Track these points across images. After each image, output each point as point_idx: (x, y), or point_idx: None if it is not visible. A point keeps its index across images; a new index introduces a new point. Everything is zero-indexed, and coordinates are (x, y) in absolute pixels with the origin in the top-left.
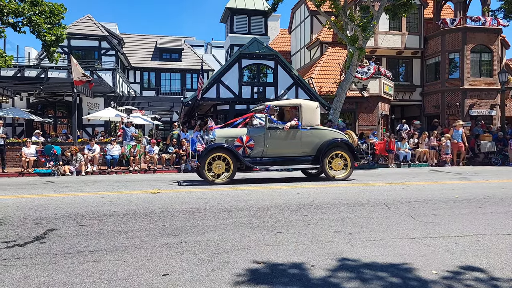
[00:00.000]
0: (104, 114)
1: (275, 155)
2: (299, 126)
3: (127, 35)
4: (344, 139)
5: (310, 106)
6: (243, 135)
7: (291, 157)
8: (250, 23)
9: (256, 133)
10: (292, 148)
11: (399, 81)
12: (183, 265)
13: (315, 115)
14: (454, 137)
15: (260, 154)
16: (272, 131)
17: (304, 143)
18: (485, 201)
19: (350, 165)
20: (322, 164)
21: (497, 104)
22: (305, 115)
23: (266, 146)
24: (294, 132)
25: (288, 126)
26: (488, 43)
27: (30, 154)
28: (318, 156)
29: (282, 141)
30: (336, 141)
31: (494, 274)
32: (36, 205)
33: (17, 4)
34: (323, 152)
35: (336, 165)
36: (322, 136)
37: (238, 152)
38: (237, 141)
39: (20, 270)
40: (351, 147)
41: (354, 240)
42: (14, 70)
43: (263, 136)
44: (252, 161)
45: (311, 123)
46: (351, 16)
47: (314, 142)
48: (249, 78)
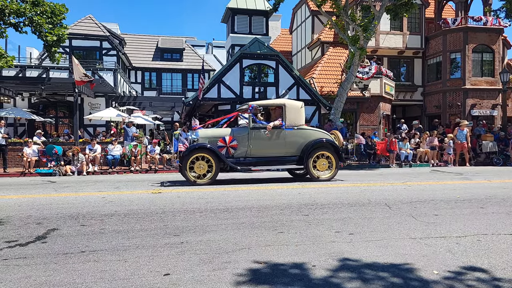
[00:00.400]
0: (105, 114)
1: (259, 156)
2: (283, 126)
3: (128, 35)
4: (329, 139)
5: (294, 106)
6: (226, 135)
7: (275, 158)
8: (251, 23)
9: (239, 133)
10: (276, 148)
11: (400, 81)
12: (184, 265)
13: (300, 115)
14: (458, 137)
15: (243, 154)
16: (256, 131)
17: (289, 143)
18: (486, 201)
19: (335, 165)
20: (307, 164)
21: (499, 104)
22: (289, 115)
23: (250, 147)
24: (278, 132)
25: (271, 126)
26: (489, 43)
27: (32, 154)
28: (303, 157)
29: (266, 141)
30: (321, 141)
31: (495, 275)
32: (38, 205)
33: (18, 5)
34: (308, 152)
35: (321, 166)
36: (307, 136)
37: (221, 153)
38: (220, 141)
39: (21, 269)
40: (336, 148)
41: (355, 240)
42: (15, 70)
43: (247, 136)
44: (235, 161)
45: (296, 123)
46: (352, 16)
47: (299, 142)
48: (250, 78)
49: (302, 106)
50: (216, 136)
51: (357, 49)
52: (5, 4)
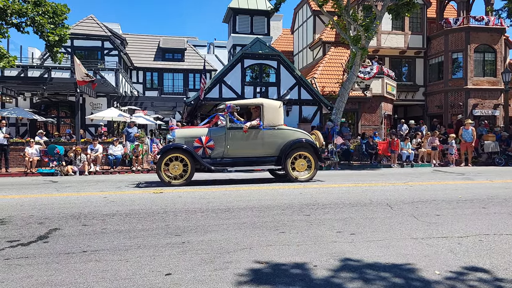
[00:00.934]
0: (107, 114)
1: (237, 156)
2: (261, 126)
3: (129, 35)
4: (309, 139)
5: (272, 106)
6: (202, 136)
7: (253, 158)
8: (253, 23)
9: (216, 133)
10: (254, 149)
11: (402, 81)
12: (186, 265)
13: (278, 115)
14: (464, 137)
15: (221, 154)
16: (233, 131)
17: (267, 143)
18: (488, 201)
19: (314, 166)
20: (285, 165)
21: (501, 104)
22: (267, 114)
23: (227, 147)
24: (256, 132)
25: (247, 126)
26: (491, 42)
27: (34, 154)
28: (281, 157)
29: (244, 142)
30: (299, 142)
31: (497, 275)
32: (40, 205)
33: (20, 5)
34: (286, 152)
35: (299, 166)
36: (286, 136)
37: (196, 153)
38: (196, 141)
39: (23, 269)
40: (315, 148)
41: (357, 240)
42: (17, 70)
43: (224, 136)
44: (212, 162)
45: (274, 123)
46: (354, 16)
47: (277, 143)
48: (252, 78)
49: (280, 105)
50: (192, 136)
51: (359, 49)
52: (7, 4)
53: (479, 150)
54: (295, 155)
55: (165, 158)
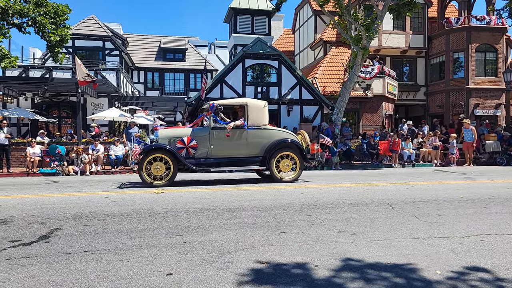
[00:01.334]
0: (108, 114)
1: (221, 156)
2: (245, 126)
3: (131, 35)
4: (294, 139)
5: (257, 105)
6: (184, 136)
7: (237, 158)
8: (254, 23)
9: (200, 134)
10: (238, 149)
11: (403, 80)
12: (187, 264)
13: (263, 115)
14: (465, 137)
15: (204, 155)
16: (217, 131)
17: (251, 143)
18: (490, 201)
19: (299, 166)
20: (269, 165)
21: (502, 104)
22: (251, 114)
23: (211, 147)
24: (240, 132)
25: (231, 126)
26: (493, 42)
27: (35, 154)
28: (266, 157)
29: (228, 142)
30: (284, 142)
31: (499, 275)
32: (41, 205)
33: (22, 5)
34: (271, 152)
35: (284, 166)
36: (270, 136)
37: (179, 153)
38: (179, 142)
39: (25, 269)
40: (300, 148)
41: (358, 240)
42: (19, 71)
43: (208, 136)
44: (196, 162)
45: (258, 123)
46: (355, 16)
47: (262, 143)
48: (253, 78)
49: (265, 105)
50: (176, 137)
51: (360, 49)
52: (8, 5)
53: (481, 150)
54: (280, 155)
55: (147, 159)
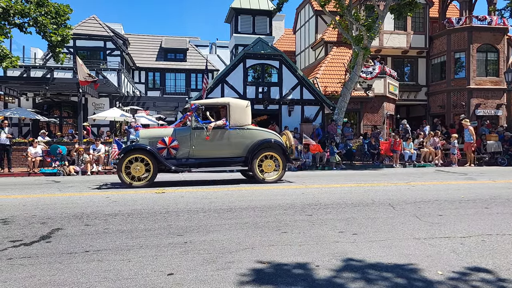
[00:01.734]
0: (109, 114)
1: (202, 156)
2: (227, 126)
3: (132, 36)
4: (277, 139)
5: (239, 105)
6: (165, 136)
7: (220, 159)
8: (255, 23)
9: (182, 134)
10: (220, 149)
11: (404, 80)
12: (188, 264)
13: (245, 115)
14: (465, 137)
15: (186, 155)
16: (198, 131)
17: (234, 143)
18: (491, 201)
19: (282, 166)
20: (251, 165)
21: (503, 104)
22: (233, 114)
23: (192, 147)
24: (222, 132)
25: (212, 126)
26: (494, 42)
27: (36, 154)
28: (249, 157)
29: (210, 142)
30: (267, 142)
31: (500, 275)
32: (42, 205)
33: (23, 5)
34: (253, 153)
35: (267, 167)
36: (253, 136)
37: (160, 154)
38: (159, 142)
39: (26, 269)
40: (283, 148)
41: (359, 240)
42: (20, 71)
43: (189, 136)
44: (177, 162)
45: (241, 123)
46: (356, 16)
47: (245, 143)
48: (254, 78)
49: (247, 105)
50: (157, 137)
51: (361, 49)
52: (9, 5)
53: (482, 150)
54: (263, 156)
55: (126, 159)
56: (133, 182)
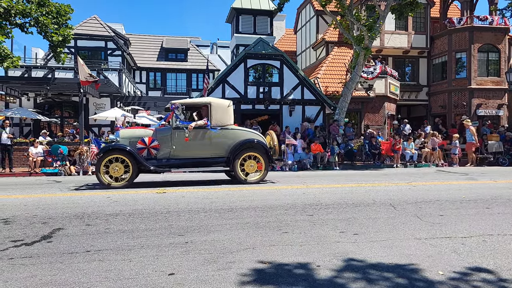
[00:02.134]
0: (110, 114)
1: (183, 157)
2: (209, 125)
3: (133, 36)
4: (260, 140)
5: (221, 105)
6: (145, 136)
7: (201, 159)
8: (256, 23)
9: (162, 134)
10: (202, 150)
11: (405, 80)
12: (189, 264)
13: (227, 114)
14: (467, 137)
15: (167, 155)
16: (179, 131)
17: (216, 144)
18: (492, 201)
19: (264, 167)
20: (233, 166)
21: (505, 104)
22: (215, 114)
23: (173, 147)
24: (204, 132)
25: (192, 126)
26: (495, 42)
27: (37, 154)
28: (230, 158)
29: (191, 142)
30: (249, 142)
31: (501, 275)
32: (43, 205)
33: (24, 5)
34: (235, 153)
35: (249, 167)
36: (235, 136)
37: (140, 154)
38: (139, 143)
39: (27, 269)
40: (266, 149)
41: (360, 240)
42: (21, 71)
43: (170, 136)
44: (158, 163)
45: (223, 123)
46: (357, 16)
47: (227, 143)
48: (255, 78)
49: (229, 105)
50: (137, 137)
51: (362, 49)
52: (11, 5)
53: (483, 150)
54: (245, 156)
55: (105, 159)
56: (112, 182)
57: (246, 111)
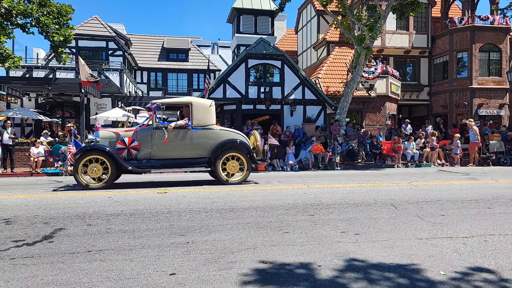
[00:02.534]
0: (111, 114)
1: (164, 157)
2: (190, 125)
3: (134, 36)
4: (242, 140)
5: (202, 105)
6: (125, 137)
7: (182, 159)
8: (257, 23)
9: (143, 134)
10: (183, 150)
11: (407, 80)
12: (190, 264)
13: (209, 114)
14: (470, 137)
15: (147, 156)
16: (159, 131)
17: (197, 144)
18: (493, 201)
19: (247, 167)
20: (215, 166)
21: (506, 104)
22: (196, 114)
23: (153, 148)
24: (185, 132)
25: (172, 126)
26: (496, 42)
27: (39, 154)
28: (212, 158)
29: (172, 142)
30: (231, 142)
31: (503, 275)
32: (45, 205)
33: (25, 5)
34: (216, 153)
35: (231, 168)
36: (217, 136)
37: (118, 154)
38: (119, 143)
39: (28, 269)
40: (248, 149)
41: (361, 240)
42: (22, 71)
43: (150, 136)
44: (138, 163)
45: (204, 123)
46: (358, 16)
47: (209, 143)
48: (256, 78)
49: (211, 104)
50: (117, 137)
51: (363, 49)
52: (12, 5)
53: (484, 150)
54: (227, 156)
55: (83, 160)
56: (90, 183)
57: (247, 111)
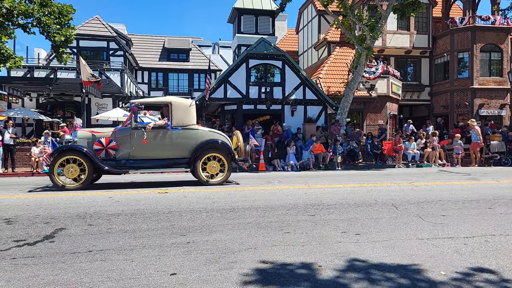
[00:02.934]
0: (112, 114)
1: (143, 158)
2: (169, 125)
3: (135, 36)
4: (223, 140)
5: (182, 104)
6: (102, 137)
7: (162, 160)
8: (258, 23)
9: (121, 134)
10: (162, 150)
11: (408, 80)
12: (191, 264)
13: (189, 114)
14: (472, 137)
15: (126, 156)
16: (138, 131)
17: (177, 144)
18: (494, 201)
19: (227, 168)
20: (194, 166)
21: (507, 104)
22: (176, 113)
23: (132, 148)
24: (164, 132)
25: (151, 126)
26: (497, 42)
27: (40, 154)
28: (191, 159)
29: (151, 143)
30: (212, 142)
31: (504, 276)
32: (46, 205)
33: (26, 6)
34: (196, 154)
35: (211, 168)
36: (198, 137)
37: (95, 155)
38: (96, 144)
39: (29, 268)
40: (229, 149)
41: (362, 240)
42: (23, 71)
43: (129, 137)
44: (116, 164)
45: (184, 123)
46: (359, 16)
47: (189, 144)
48: (257, 78)
49: (191, 104)
50: (95, 137)
51: (364, 49)
52: (13, 5)
53: (485, 150)
54: (207, 157)
55: (59, 160)
56: (67, 184)
57: (248, 111)
